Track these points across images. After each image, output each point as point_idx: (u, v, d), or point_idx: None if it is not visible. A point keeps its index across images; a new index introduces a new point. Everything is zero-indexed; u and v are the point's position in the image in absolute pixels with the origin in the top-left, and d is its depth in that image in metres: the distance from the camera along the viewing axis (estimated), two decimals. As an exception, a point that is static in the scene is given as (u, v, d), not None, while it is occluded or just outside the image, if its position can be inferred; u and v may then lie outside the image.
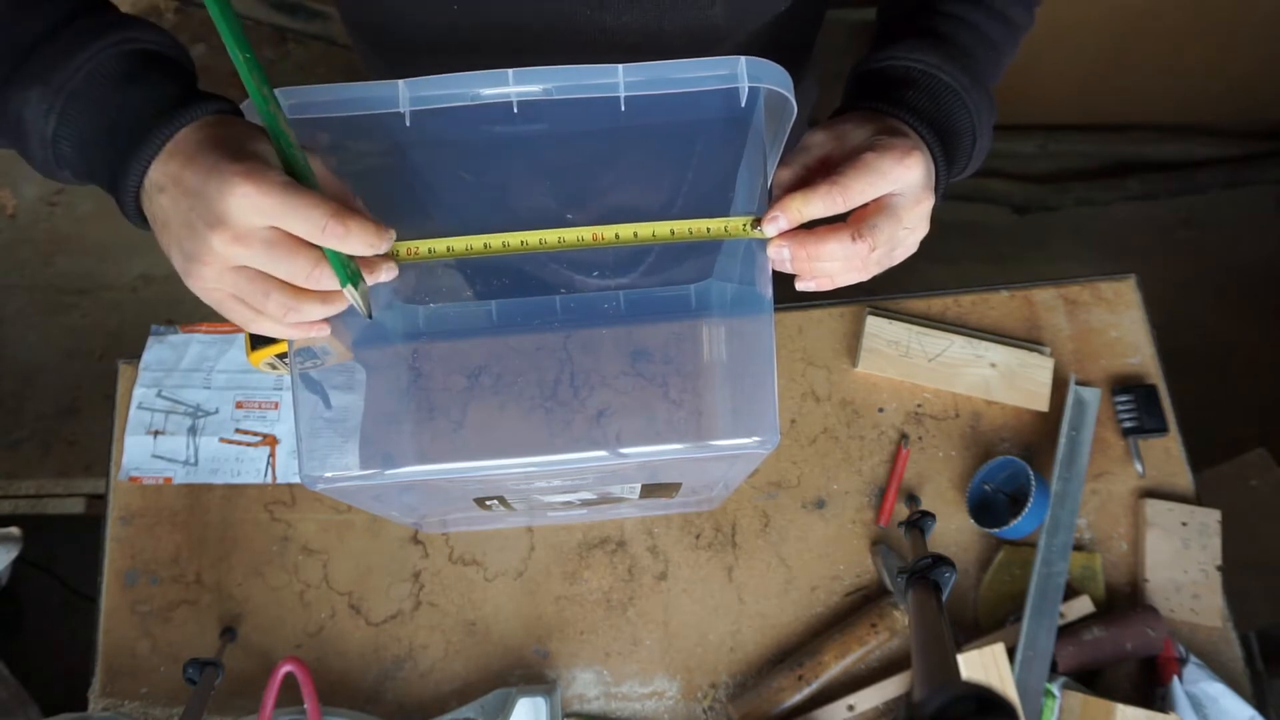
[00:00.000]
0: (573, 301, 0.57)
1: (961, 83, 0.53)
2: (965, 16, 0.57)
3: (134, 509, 0.90)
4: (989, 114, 0.55)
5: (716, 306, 0.57)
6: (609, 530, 0.89)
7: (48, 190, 1.82)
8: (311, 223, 0.41)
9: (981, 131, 0.55)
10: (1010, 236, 1.94)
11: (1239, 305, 1.85)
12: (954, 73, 0.53)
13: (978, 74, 0.55)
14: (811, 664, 0.82)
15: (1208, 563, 0.85)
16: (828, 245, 0.47)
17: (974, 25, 0.56)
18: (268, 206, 0.40)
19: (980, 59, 0.56)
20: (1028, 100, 1.81)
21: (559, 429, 0.55)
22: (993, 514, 0.87)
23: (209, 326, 0.95)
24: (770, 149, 0.51)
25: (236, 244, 0.41)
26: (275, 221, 0.40)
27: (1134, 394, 0.90)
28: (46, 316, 1.71)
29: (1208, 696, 0.78)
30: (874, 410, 0.92)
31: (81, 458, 1.54)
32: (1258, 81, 1.76)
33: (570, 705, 0.84)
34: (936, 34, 0.56)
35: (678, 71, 0.45)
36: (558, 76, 0.45)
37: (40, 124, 0.44)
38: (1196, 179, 1.91)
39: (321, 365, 0.54)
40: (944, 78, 0.53)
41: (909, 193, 0.48)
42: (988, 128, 0.55)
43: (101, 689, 0.85)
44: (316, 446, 0.52)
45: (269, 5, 1.91)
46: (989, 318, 0.95)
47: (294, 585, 0.88)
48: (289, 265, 0.42)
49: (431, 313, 0.57)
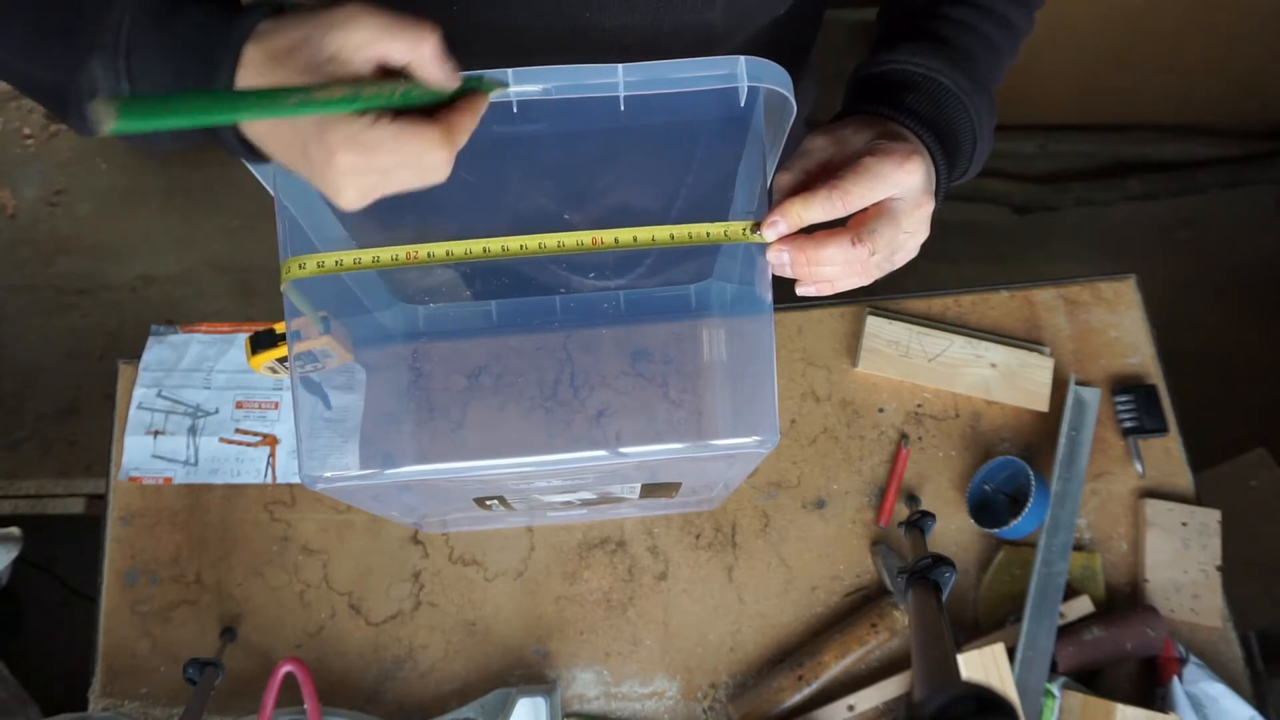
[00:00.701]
0: (572, 301, 0.57)
1: (963, 87, 0.53)
2: (967, 20, 0.57)
3: (134, 509, 0.90)
4: (990, 117, 0.55)
5: (716, 307, 0.57)
6: (609, 530, 0.89)
7: (48, 190, 1.82)
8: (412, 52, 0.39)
9: (982, 135, 0.55)
10: (1010, 236, 1.94)
11: (1239, 305, 1.85)
12: (955, 77, 0.53)
13: (979, 78, 0.55)
14: (811, 664, 0.82)
15: (1208, 563, 0.85)
16: (827, 250, 0.47)
17: (975, 29, 0.56)
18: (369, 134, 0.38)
19: (981, 63, 0.56)
20: (1028, 100, 1.81)
21: (559, 429, 0.55)
22: (993, 514, 0.87)
23: (209, 326, 0.95)
24: (770, 149, 0.51)
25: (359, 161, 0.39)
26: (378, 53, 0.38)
27: (1134, 394, 0.90)
28: (46, 316, 1.71)
29: (1208, 696, 0.78)
30: (874, 410, 0.92)
31: (81, 458, 1.54)
32: (1258, 81, 1.76)
33: (570, 705, 0.84)
34: (938, 38, 0.56)
35: (677, 71, 0.45)
36: (557, 76, 0.45)
37: (115, 93, 0.40)
38: (1196, 179, 1.91)
39: (322, 369, 0.54)
40: (945, 82, 0.53)
41: (909, 197, 0.48)
42: (989, 131, 0.55)
43: (101, 689, 0.85)
44: (316, 446, 0.52)
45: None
46: (989, 318, 0.95)
47: (294, 585, 0.88)
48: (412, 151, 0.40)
49: (431, 313, 0.57)
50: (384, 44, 0.38)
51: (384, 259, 0.49)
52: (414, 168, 0.39)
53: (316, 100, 0.36)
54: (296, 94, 0.36)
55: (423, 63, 0.39)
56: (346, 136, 0.38)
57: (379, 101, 0.38)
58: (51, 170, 1.85)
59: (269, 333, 0.68)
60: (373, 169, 0.39)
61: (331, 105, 0.36)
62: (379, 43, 0.38)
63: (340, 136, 0.38)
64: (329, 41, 0.37)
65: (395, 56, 0.38)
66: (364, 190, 0.40)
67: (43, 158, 1.86)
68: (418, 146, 0.39)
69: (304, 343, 0.53)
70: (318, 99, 0.36)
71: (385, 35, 0.38)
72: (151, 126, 0.32)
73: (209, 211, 1.83)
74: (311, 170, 0.39)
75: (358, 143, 0.38)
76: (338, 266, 0.49)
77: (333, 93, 0.36)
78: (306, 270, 0.49)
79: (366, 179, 0.39)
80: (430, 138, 0.39)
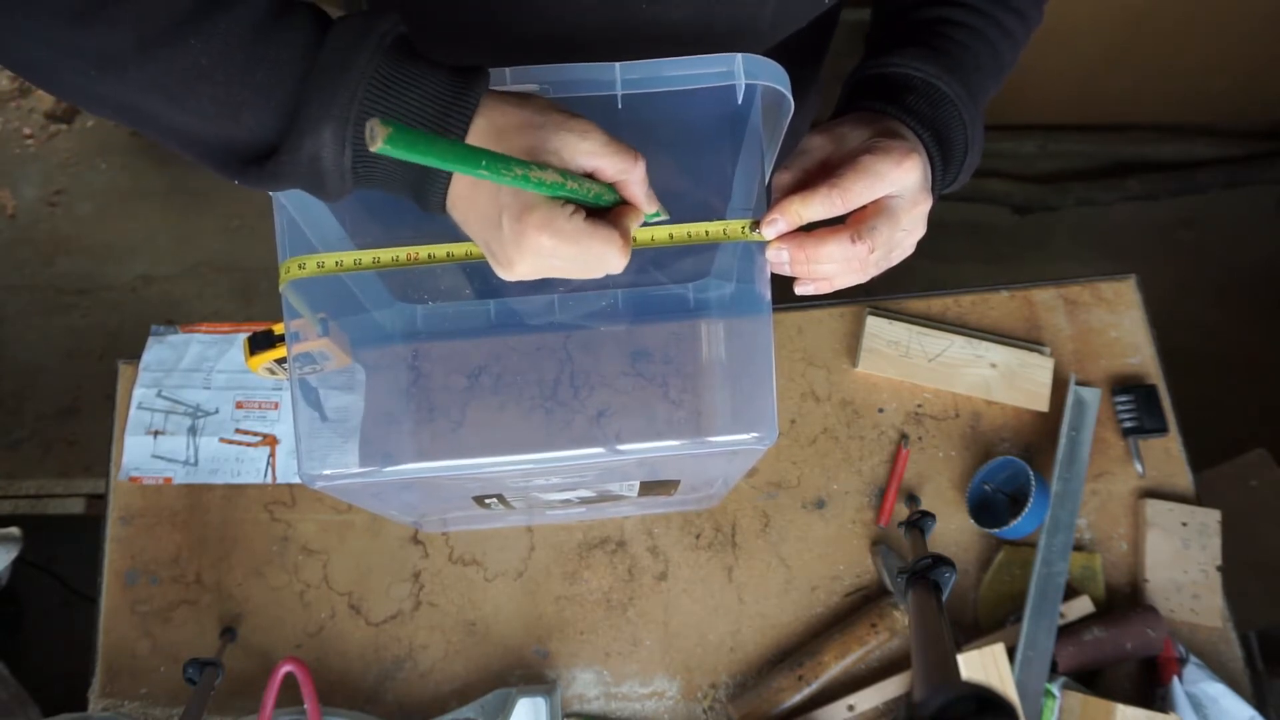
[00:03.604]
0: (570, 300, 0.57)
1: (959, 95, 0.54)
2: (966, 23, 0.57)
3: (134, 509, 0.90)
4: (979, 130, 0.56)
5: (715, 305, 0.57)
6: (609, 530, 0.89)
7: (48, 190, 1.83)
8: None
9: (973, 146, 0.55)
10: (1010, 236, 1.94)
11: (1239, 305, 1.85)
12: (953, 84, 0.54)
13: (974, 89, 0.55)
14: (811, 664, 0.82)
15: (1208, 563, 0.85)
16: (826, 247, 0.47)
17: (973, 39, 0.57)
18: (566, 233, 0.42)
19: (978, 75, 0.56)
20: (1028, 100, 1.81)
21: (559, 429, 0.55)
22: (993, 514, 0.87)
23: (209, 327, 0.95)
24: (767, 146, 0.51)
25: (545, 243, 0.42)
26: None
27: (1134, 394, 0.90)
28: (46, 316, 1.71)
29: (1208, 696, 0.78)
30: (874, 410, 0.92)
31: (81, 458, 1.54)
32: (1258, 81, 1.76)
33: (570, 705, 0.84)
34: (937, 45, 0.56)
35: (674, 69, 0.45)
36: (554, 75, 0.45)
37: (338, 160, 0.40)
38: (1196, 179, 1.91)
39: (320, 370, 0.54)
40: (943, 88, 0.53)
41: (907, 195, 0.48)
42: (978, 143, 0.56)
43: (101, 689, 0.85)
44: (316, 445, 0.52)
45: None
46: (989, 318, 0.95)
47: (294, 585, 0.88)
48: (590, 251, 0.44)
49: (429, 312, 0.57)
50: (602, 160, 0.43)
51: (383, 259, 0.49)
52: (593, 262, 0.44)
53: (534, 178, 0.40)
54: (520, 166, 0.39)
55: (630, 184, 0.44)
56: (546, 220, 0.41)
57: (578, 195, 0.43)
58: (51, 170, 1.85)
59: (267, 334, 0.68)
60: (556, 254, 0.42)
61: (545, 187, 0.41)
62: (598, 158, 0.43)
63: (540, 218, 0.41)
64: (558, 139, 0.42)
65: (608, 173, 0.43)
66: (539, 269, 0.44)
67: (43, 158, 1.86)
68: (602, 249, 0.43)
69: (303, 344, 0.53)
70: (535, 178, 0.40)
71: (606, 152, 0.42)
72: (409, 157, 0.34)
73: (209, 211, 1.83)
74: (500, 240, 0.42)
75: (554, 229, 0.41)
76: (337, 267, 0.49)
77: (547, 176, 0.40)
78: (306, 271, 0.49)
79: (548, 261, 0.43)
80: (614, 241, 0.43)
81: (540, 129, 0.42)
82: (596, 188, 0.44)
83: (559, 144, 0.42)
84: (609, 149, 0.43)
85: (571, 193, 0.42)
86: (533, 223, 0.41)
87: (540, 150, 0.42)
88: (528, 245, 0.42)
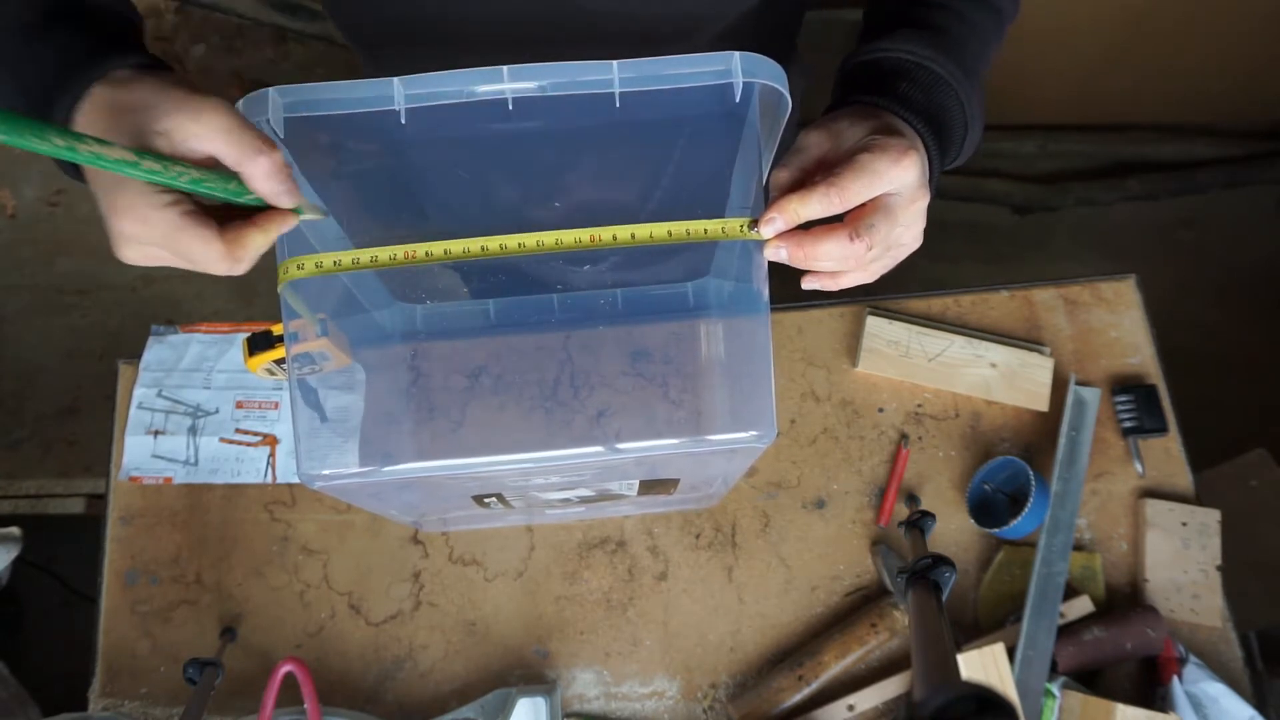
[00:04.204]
0: (570, 300, 0.57)
1: (954, 74, 0.53)
2: (954, 6, 0.57)
3: (134, 509, 0.90)
4: (980, 104, 0.55)
5: (714, 304, 0.57)
6: (609, 530, 0.89)
7: (48, 190, 1.82)
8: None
9: (973, 123, 0.55)
10: (1010, 236, 1.94)
11: (1239, 305, 1.85)
12: (946, 64, 0.53)
13: (969, 65, 0.55)
14: (811, 664, 0.82)
15: (1208, 563, 0.85)
16: (825, 245, 0.47)
17: (963, 15, 0.57)
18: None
19: (971, 49, 0.56)
20: (1028, 100, 1.80)
21: (559, 429, 0.55)
22: (993, 514, 0.87)
23: (209, 326, 0.95)
24: (765, 144, 0.51)
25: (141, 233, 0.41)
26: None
27: (1134, 394, 0.90)
28: (47, 316, 1.71)
29: (1208, 696, 0.78)
30: (874, 410, 0.92)
31: (81, 458, 1.54)
32: (1258, 81, 1.75)
33: (570, 705, 0.84)
34: (928, 25, 0.56)
35: (672, 67, 0.45)
36: (553, 73, 0.45)
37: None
38: (1196, 179, 1.91)
39: (319, 371, 0.54)
40: (936, 69, 0.53)
41: (905, 192, 0.48)
42: (979, 118, 0.56)
43: (101, 689, 0.85)
44: (315, 445, 0.52)
45: (269, 5, 1.91)
46: (989, 318, 0.95)
47: (294, 585, 0.88)
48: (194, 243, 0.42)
49: (428, 311, 0.57)
50: (217, 144, 0.39)
51: (382, 259, 0.49)
52: (188, 262, 0.42)
53: (114, 158, 0.37)
54: (98, 144, 0.36)
55: (253, 177, 0.41)
56: (129, 206, 0.40)
57: (200, 187, 0.39)
58: (51, 170, 1.85)
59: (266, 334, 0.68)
60: (150, 242, 0.41)
61: (144, 173, 0.38)
62: (212, 142, 0.39)
63: (125, 202, 0.40)
64: (169, 121, 0.39)
65: (227, 159, 0.40)
66: (143, 256, 0.42)
67: (43, 158, 1.86)
68: (199, 249, 0.41)
69: (302, 344, 0.53)
70: (109, 156, 0.37)
71: (223, 138, 0.39)
72: None
73: (209, 212, 1.82)
74: (105, 216, 0.41)
75: (137, 216, 0.40)
76: (336, 267, 0.49)
77: (145, 162, 0.38)
78: (305, 270, 0.49)
79: (144, 249, 0.41)
80: (210, 242, 0.41)
81: (150, 109, 0.39)
82: (221, 181, 0.40)
83: (169, 125, 0.39)
84: (227, 134, 0.39)
85: (176, 180, 0.39)
86: (118, 207, 0.40)
87: (147, 132, 0.39)
88: (116, 230, 0.41)
